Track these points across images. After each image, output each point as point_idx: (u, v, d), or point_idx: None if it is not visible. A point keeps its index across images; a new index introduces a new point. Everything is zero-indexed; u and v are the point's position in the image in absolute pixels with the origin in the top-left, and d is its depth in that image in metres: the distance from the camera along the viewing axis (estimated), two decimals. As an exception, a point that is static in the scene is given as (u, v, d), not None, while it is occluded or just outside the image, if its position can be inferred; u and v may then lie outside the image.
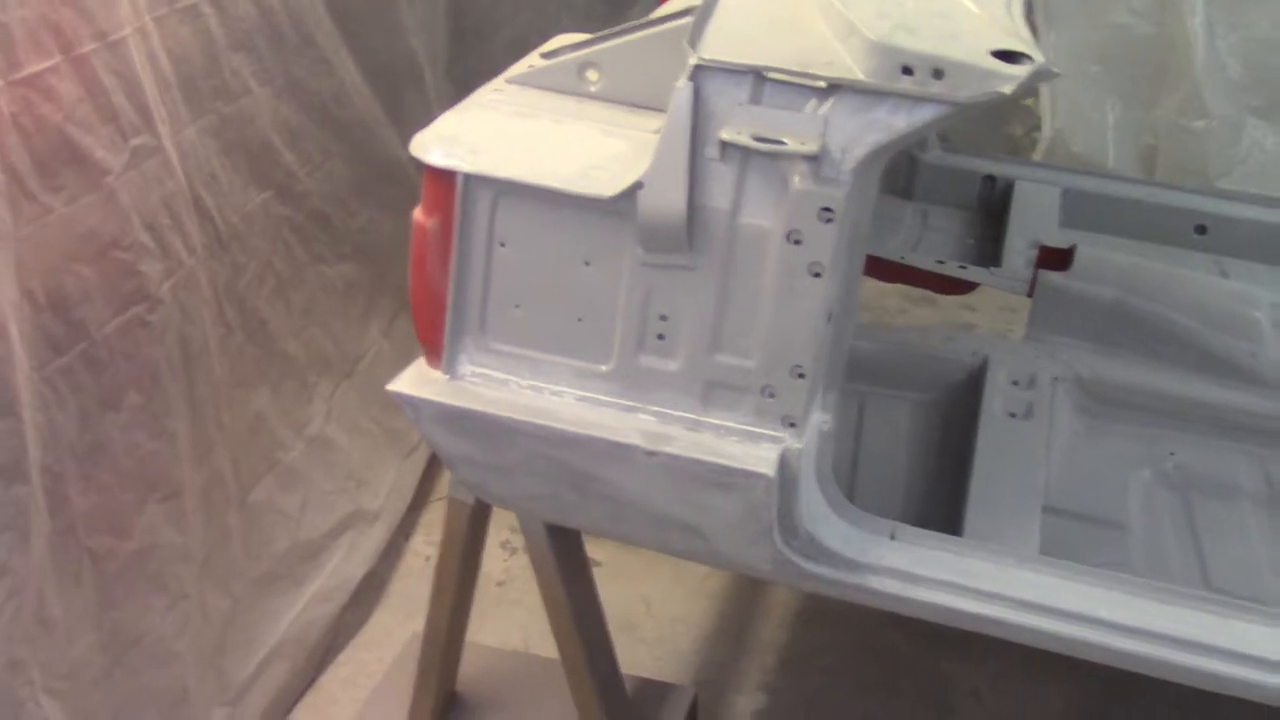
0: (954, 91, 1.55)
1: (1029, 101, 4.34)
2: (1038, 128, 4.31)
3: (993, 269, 2.62)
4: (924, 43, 1.57)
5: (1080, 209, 3.00)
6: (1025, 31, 1.62)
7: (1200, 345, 2.31)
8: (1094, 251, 2.52)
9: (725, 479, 1.71)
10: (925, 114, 1.58)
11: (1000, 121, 4.44)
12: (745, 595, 3.01)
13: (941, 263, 2.66)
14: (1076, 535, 2.03)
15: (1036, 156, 4.23)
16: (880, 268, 2.74)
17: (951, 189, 3.09)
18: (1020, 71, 1.53)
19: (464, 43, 3.57)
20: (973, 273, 2.62)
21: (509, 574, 3.03)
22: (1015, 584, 1.76)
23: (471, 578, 2.30)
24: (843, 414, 2.28)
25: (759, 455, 1.71)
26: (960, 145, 3.34)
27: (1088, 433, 2.27)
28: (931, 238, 2.93)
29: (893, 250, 2.77)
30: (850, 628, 2.86)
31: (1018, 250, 2.63)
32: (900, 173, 3.14)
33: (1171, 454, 2.25)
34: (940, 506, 2.05)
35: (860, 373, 2.34)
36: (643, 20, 1.86)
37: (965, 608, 1.76)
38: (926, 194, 3.11)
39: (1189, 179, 3.96)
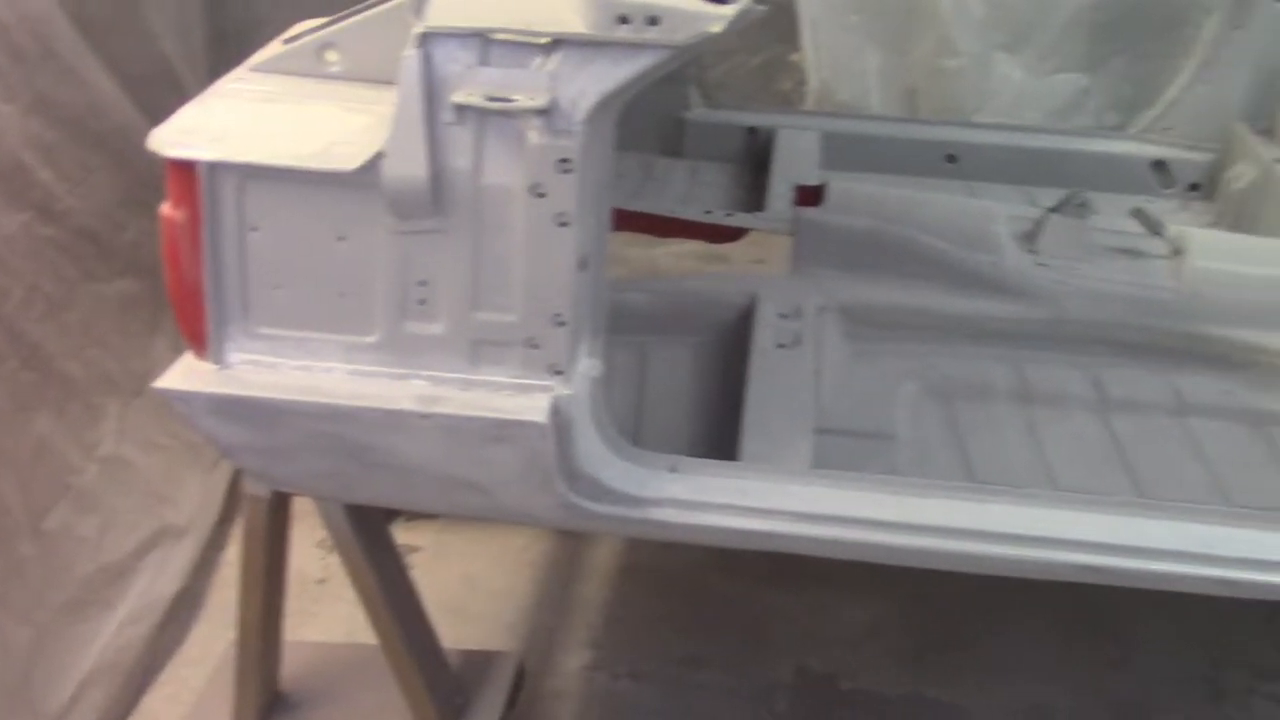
0: (669, 35, 1.63)
1: (794, 57, 4.49)
2: (804, 81, 4.46)
3: (757, 213, 2.73)
4: (637, -9, 1.64)
5: (841, 151, 3.16)
6: (729, -26, 1.71)
7: (947, 261, 2.46)
8: (846, 185, 2.65)
9: (501, 432, 1.76)
10: (645, 59, 1.66)
11: (769, 79, 4.59)
12: (566, 560, 3.07)
13: (709, 212, 2.77)
14: (850, 450, 2.14)
15: (806, 108, 4.39)
16: (654, 224, 2.83)
17: (717, 144, 3.20)
18: (728, 11, 1.63)
19: (226, 43, 3.52)
20: (738, 218, 2.73)
21: (328, 571, 3.01)
22: (789, 498, 1.85)
23: (279, 572, 2.30)
24: (626, 364, 2.36)
25: (531, 405, 1.76)
26: (729, 102, 3.47)
27: (855, 355, 2.39)
28: (701, 192, 3.03)
29: (664, 206, 2.86)
30: (669, 576, 2.95)
31: (780, 194, 2.75)
32: (669, 133, 3.24)
33: (933, 365, 2.39)
34: (721, 439, 2.14)
35: (638, 324, 2.41)
36: (380, -2, 1.89)
37: (745, 526, 1.85)
38: (695, 151, 3.23)
39: (948, 115, 4.17)
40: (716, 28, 1.62)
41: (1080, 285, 2.44)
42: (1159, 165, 3.18)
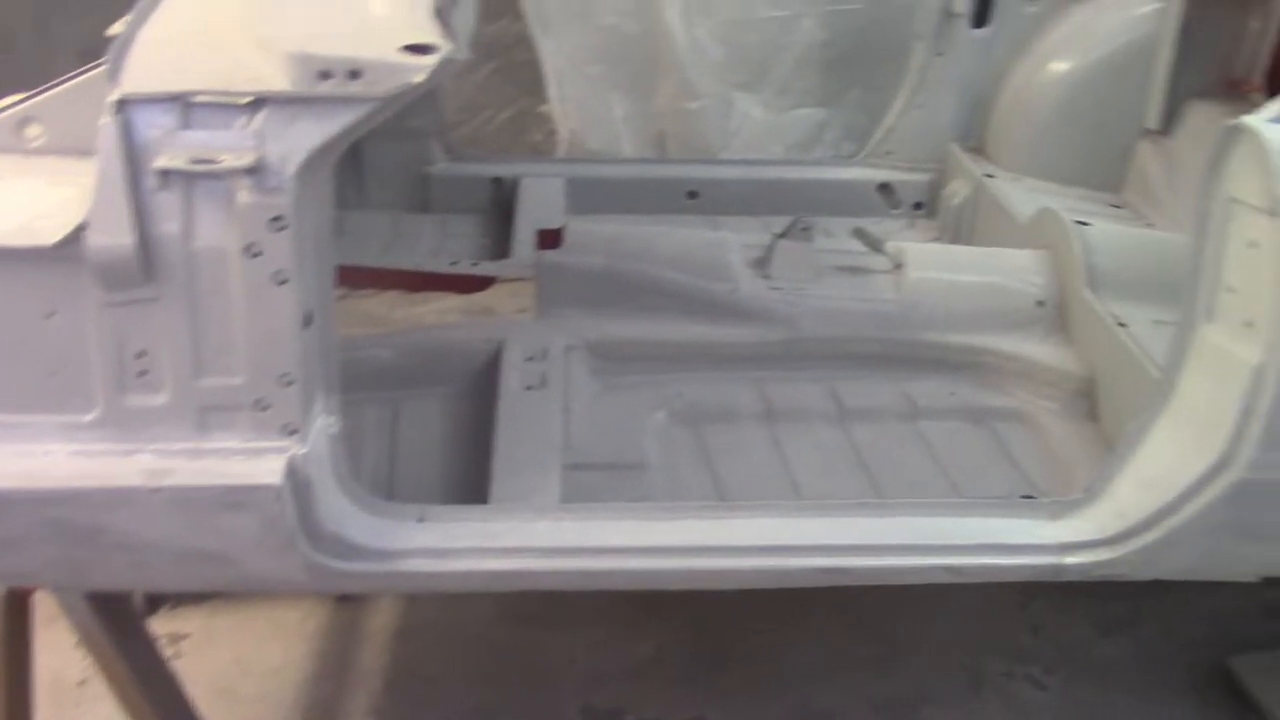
0: (372, 88, 1.65)
1: (543, 109, 4.57)
2: (555, 132, 4.54)
3: (502, 261, 2.77)
4: (337, 47, 1.65)
5: (587, 195, 3.22)
6: (432, 25, 1.74)
7: (685, 292, 2.54)
8: (585, 226, 2.72)
9: (235, 498, 1.73)
10: (351, 113, 1.67)
11: (519, 132, 4.65)
12: (345, 629, 3.00)
13: (455, 263, 2.78)
14: (602, 483, 2.18)
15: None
16: (404, 279, 2.84)
17: (464, 196, 3.23)
18: (429, 61, 1.65)
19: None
20: (484, 267, 2.76)
21: (89, 671, 2.87)
22: (537, 535, 1.87)
23: (23, 672, 2.18)
24: (378, 420, 2.35)
25: (264, 468, 1.73)
26: (474, 155, 3.50)
27: (604, 389, 2.44)
28: (450, 244, 3.05)
29: (412, 261, 2.87)
30: (451, 631, 2.92)
31: (523, 240, 2.79)
32: (415, 189, 3.25)
33: (680, 394, 2.46)
34: (474, 485, 2.15)
35: (388, 380, 2.41)
36: (81, 69, 1.85)
37: (496, 567, 1.86)
38: (443, 205, 3.24)
39: (695, 155, 4.31)
40: (419, 78, 1.64)
41: (811, 305, 2.56)
42: (885, 187, 3.37)
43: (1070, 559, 1.92)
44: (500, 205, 3.19)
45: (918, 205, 3.35)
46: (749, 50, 4.40)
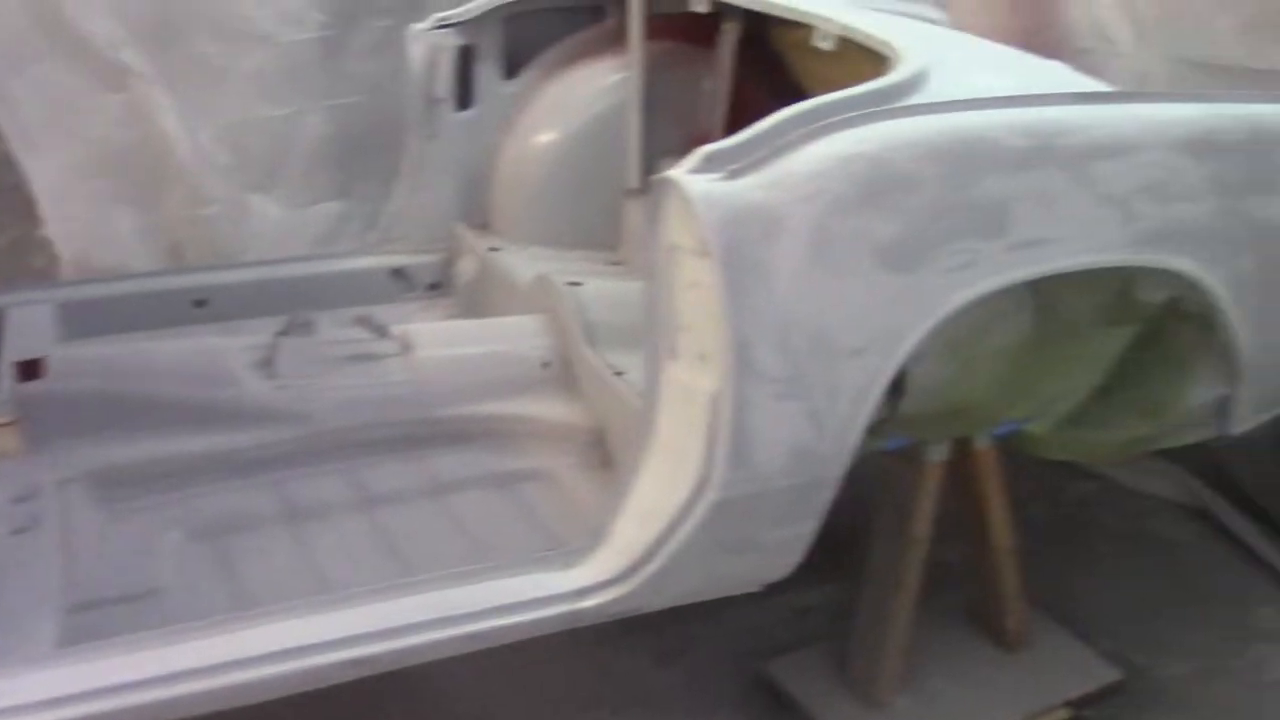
0: None
1: (42, 232, 4.28)
2: (58, 255, 4.26)
3: None
4: None
5: (88, 317, 3.03)
6: None
7: (188, 404, 2.45)
8: (70, 352, 2.56)
9: None
10: None
11: (18, 259, 4.34)
12: None
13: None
14: (114, 619, 2.05)
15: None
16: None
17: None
18: None
19: None
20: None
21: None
22: (28, 689, 1.73)
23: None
24: None
25: None
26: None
27: (111, 518, 2.31)
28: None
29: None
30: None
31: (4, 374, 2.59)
32: None
33: (196, 509, 2.37)
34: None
35: None
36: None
37: (-17, 734, 1.69)
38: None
39: (215, 261, 4.17)
40: None
41: (322, 398, 2.54)
42: (398, 272, 3.41)
43: (585, 603, 2.01)
44: (-17, 341, 2.95)
45: (433, 286, 3.41)
46: (256, 151, 4.32)
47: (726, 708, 2.89)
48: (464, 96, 3.33)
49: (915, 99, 2.05)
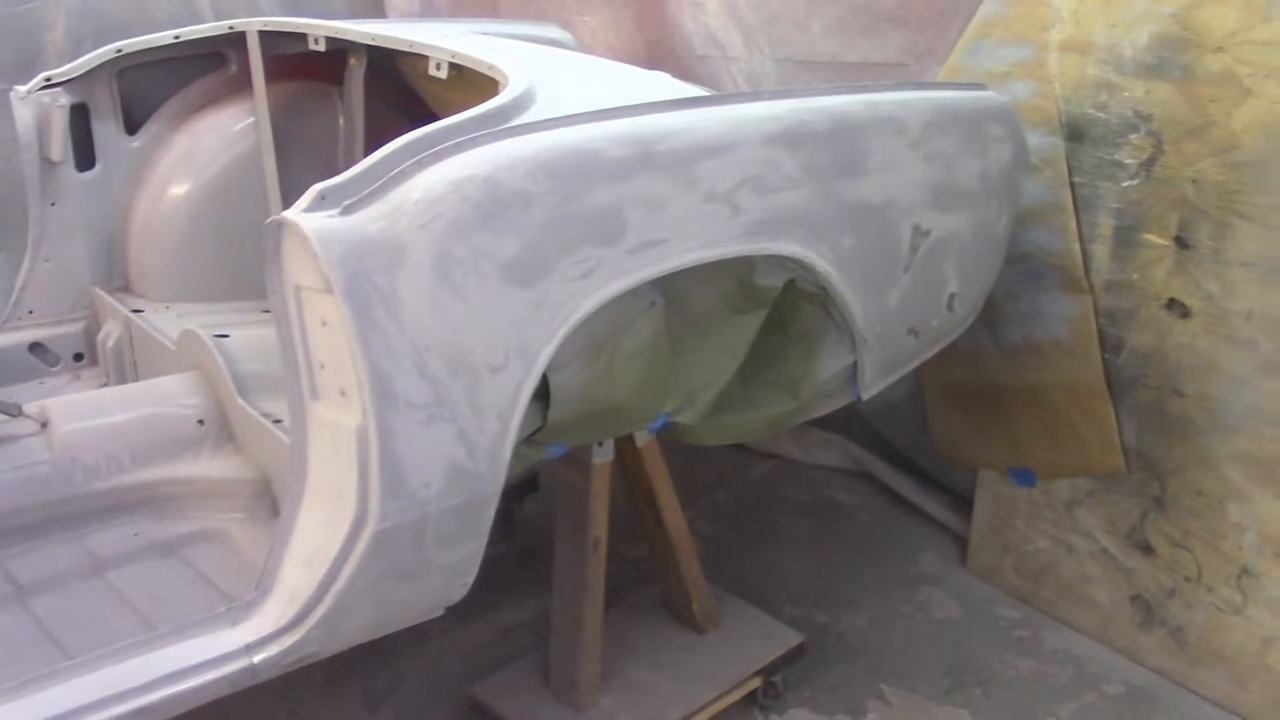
0: None
1: None
2: None
3: None
4: None
5: None
6: None
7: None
8: None
9: None
10: None
11: None
12: None
13: None
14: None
15: None
16: None
17: None
18: None
19: None
20: None
21: None
22: None
23: None
24: None
25: None
26: None
27: None
28: None
29: None
30: None
31: None
32: None
33: (5, 570, 2.20)
34: None
35: None
36: None
37: None
38: None
39: None
40: None
41: (-45, 489, 2.39)
42: (37, 346, 3.23)
43: (259, 656, 1.96)
44: None
45: (78, 356, 3.25)
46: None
47: (443, 737, 2.90)
48: (85, 156, 3.20)
49: (523, 119, 2.11)
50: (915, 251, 2.51)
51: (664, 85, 2.56)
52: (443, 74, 2.55)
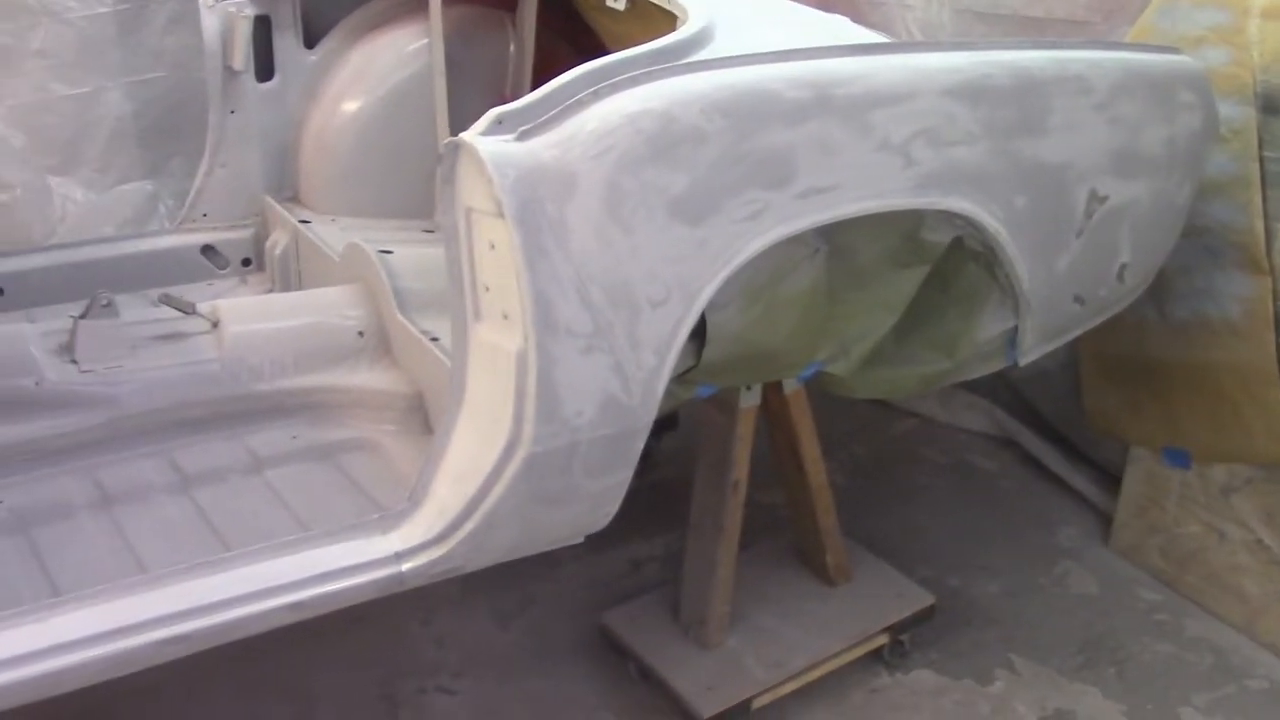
0: None
1: None
2: None
3: None
4: None
5: None
6: None
7: (-11, 394, 2.38)
8: None
9: None
10: None
11: None
12: None
13: None
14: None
15: None
16: None
17: None
18: None
19: None
20: None
21: None
22: None
23: None
24: None
25: None
26: None
27: None
28: None
29: None
30: None
31: None
32: None
33: (1, 502, 2.30)
34: None
35: None
36: None
37: None
38: None
39: (16, 248, 4.01)
40: None
41: (130, 380, 2.48)
42: (209, 249, 3.34)
43: (407, 565, 2.03)
44: None
45: (246, 261, 3.36)
46: (53, 132, 4.16)
47: (567, 662, 2.96)
48: (264, 68, 3.28)
49: (700, 55, 2.10)
50: (1090, 217, 2.42)
51: (843, 29, 2.51)
52: (620, 5, 2.54)
